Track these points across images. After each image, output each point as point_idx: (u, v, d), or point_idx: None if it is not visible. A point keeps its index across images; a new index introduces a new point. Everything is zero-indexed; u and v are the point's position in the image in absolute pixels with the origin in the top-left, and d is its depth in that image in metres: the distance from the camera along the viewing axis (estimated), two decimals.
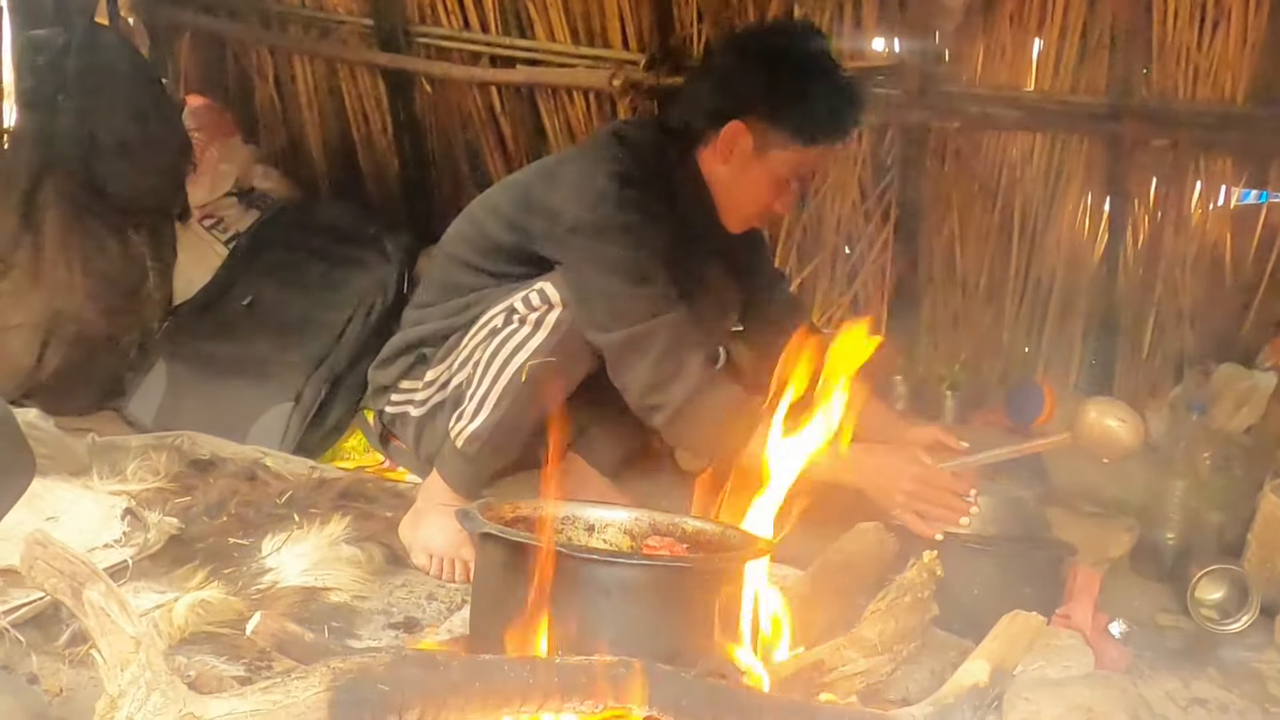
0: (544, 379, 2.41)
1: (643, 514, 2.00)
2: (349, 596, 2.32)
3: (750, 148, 2.53)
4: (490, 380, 2.45)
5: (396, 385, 2.72)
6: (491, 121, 3.94)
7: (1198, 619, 2.56)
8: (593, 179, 2.47)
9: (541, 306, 2.43)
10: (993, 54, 3.41)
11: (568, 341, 2.41)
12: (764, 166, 2.55)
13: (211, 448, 3.02)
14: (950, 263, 3.66)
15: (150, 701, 1.24)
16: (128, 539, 2.30)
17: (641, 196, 2.46)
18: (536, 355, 2.41)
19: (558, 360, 2.41)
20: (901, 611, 1.97)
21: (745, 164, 2.55)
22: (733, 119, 2.53)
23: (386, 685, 1.35)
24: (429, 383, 2.64)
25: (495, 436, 2.45)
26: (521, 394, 2.42)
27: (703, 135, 2.58)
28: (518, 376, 2.42)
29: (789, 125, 2.52)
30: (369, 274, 3.55)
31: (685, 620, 1.68)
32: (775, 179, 2.57)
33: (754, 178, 2.56)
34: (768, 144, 2.53)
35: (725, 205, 2.63)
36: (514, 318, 2.45)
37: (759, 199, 2.60)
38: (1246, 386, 3.18)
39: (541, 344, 2.41)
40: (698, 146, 2.59)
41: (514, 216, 2.58)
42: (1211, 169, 3.32)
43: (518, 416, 2.44)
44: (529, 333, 2.43)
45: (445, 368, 2.60)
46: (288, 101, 4.26)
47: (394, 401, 2.73)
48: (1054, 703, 1.80)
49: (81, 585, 1.27)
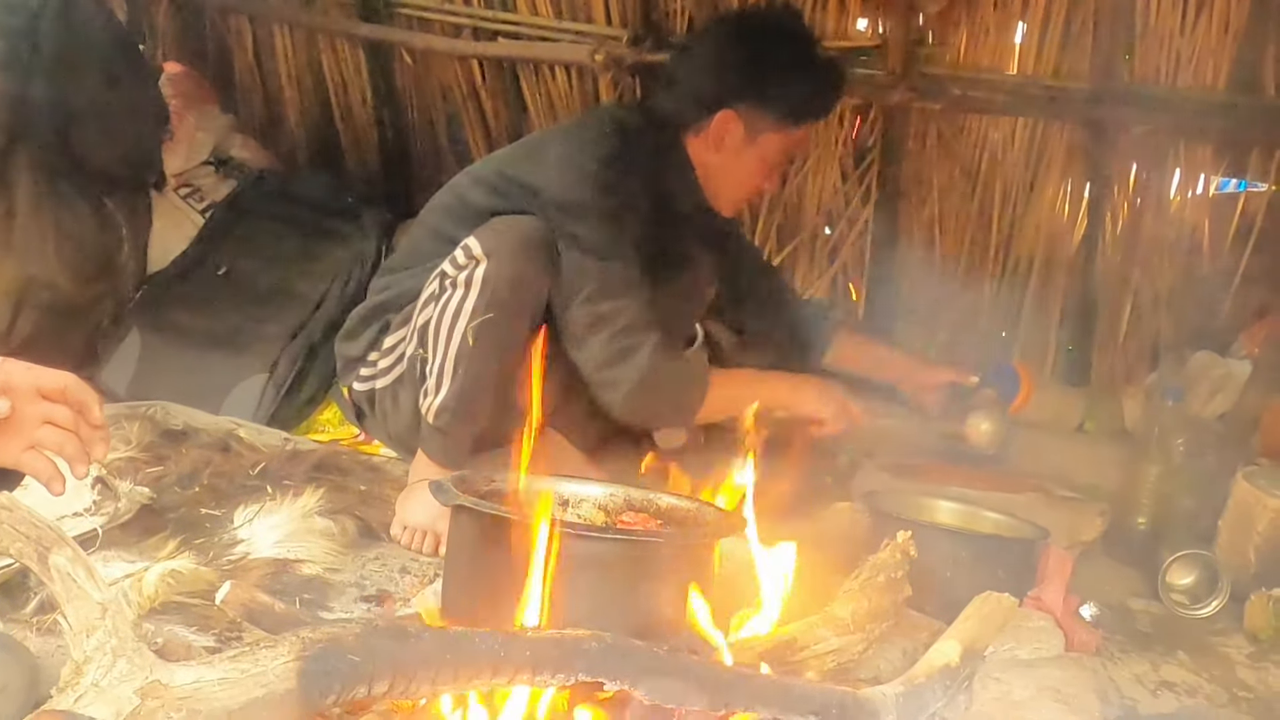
0: (490, 337, 2.42)
1: (618, 489, 1.99)
2: (321, 569, 2.30)
3: (742, 134, 2.61)
4: (443, 351, 2.45)
5: (364, 358, 2.72)
6: (472, 95, 3.92)
7: (1168, 603, 2.57)
8: (578, 159, 2.52)
9: (468, 263, 2.43)
10: (976, 37, 3.40)
11: (499, 295, 2.41)
12: (755, 150, 2.64)
13: (185, 418, 3.00)
14: (930, 245, 3.65)
15: (116, 668, 1.22)
16: (98, 508, 2.29)
17: (624, 181, 2.51)
18: (475, 317, 2.41)
19: (496, 316, 2.41)
20: (875, 591, 1.97)
21: (737, 150, 2.63)
22: (723, 107, 2.60)
23: (357, 656, 1.34)
24: (388, 349, 2.65)
25: (461, 404, 2.46)
26: (475, 357, 2.43)
27: (692, 122, 2.64)
28: (465, 342, 2.42)
29: (780, 109, 2.62)
30: (346, 246, 3.53)
31: (658, 595, 1.68)
32: (766, 161, 2.67)
33: (746, 162, 2.65)
34: (759, 129, 2.62)
35: (716, 190, 2.69)
36: (446, 281, 2.46)
37: (750, 181, 2.70)
38: (1221, 374, 3.20)
39: (476, 304, 2.42)
40: (685, 133, 2.65)
41: (496, 184, 2.61)
42: (1191, 156, 3.32)
43: (478, 379, 2.44)
44: (462, 295, 2.43)
45: (402, 336, 2.61)
46: (267, 71, 4.22)
47: (362, 377, 2.73)
48: (1024, 683, 1.81)
49: (47, 550, 1.26)
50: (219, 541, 2.29)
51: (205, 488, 2.55)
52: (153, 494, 2.42)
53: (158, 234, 3.63)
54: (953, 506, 2.54)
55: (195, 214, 3.71)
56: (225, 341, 3.37)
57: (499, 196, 2.58)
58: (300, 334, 3.36)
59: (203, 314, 3.44)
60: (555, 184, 2.50)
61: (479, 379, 2.45)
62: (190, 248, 3.64)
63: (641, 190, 2.55)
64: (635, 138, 2.60)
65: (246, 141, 4.01)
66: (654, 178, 2.59)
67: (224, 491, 2.54)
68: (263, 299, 3.46)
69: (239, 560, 2.23)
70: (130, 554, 2.20)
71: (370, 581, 2.33)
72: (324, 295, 3.43)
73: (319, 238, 3.57)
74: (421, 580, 2.34)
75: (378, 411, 2.73)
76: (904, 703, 1.71)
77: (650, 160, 2.60)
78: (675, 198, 2.65)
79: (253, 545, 2.29)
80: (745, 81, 2.60)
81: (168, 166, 3.69)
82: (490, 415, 2.52)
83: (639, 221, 2.53)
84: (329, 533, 2.39)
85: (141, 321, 3.43)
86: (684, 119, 2.65)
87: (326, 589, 2.25)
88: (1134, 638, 2.42)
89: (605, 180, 2.49)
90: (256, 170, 3.89)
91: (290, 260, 3.54)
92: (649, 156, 2.60)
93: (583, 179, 2.49)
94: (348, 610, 2.19)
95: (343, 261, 3.49)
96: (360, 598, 2.25)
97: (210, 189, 3.78)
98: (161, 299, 3.51)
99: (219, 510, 2.44)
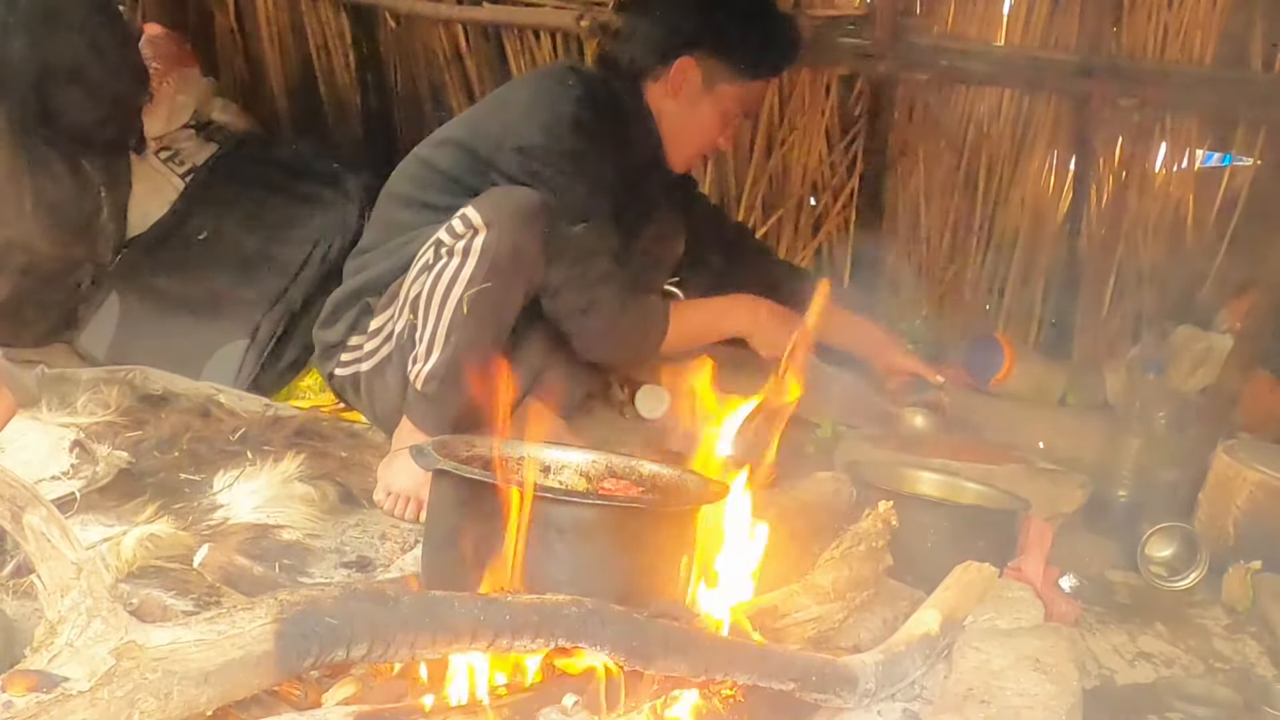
0: (485, 306, 2.42)
1: (599, 456, 1.98)
2: (301, 534, 2.29)
3: (699, 83, 2.68)
4: (434, 319, 2.44)
5: (345, 343, 2.70)
6: (456, 60, 3.88)
7: (1147, 575, 2.58)
8: (543, 104, 2.57)
9: (466, 233, 2.41)
10: (964, 7, 3.39)
11: (498, 264, 2.41)
12: (712, 101, 2.71)
13: (164, 383, 2.98)
14: (914, 217, 3.65)
15: (91, 628, 1.21)
16: (76, 471, 2.27)
17: (591, 125, 2.55)
18: (471, 285, 2.40)
19: (493, 286, 2.41)
20: (856, 560, 1.97)
21: (694, 99, 2.69)
22: (682, 55, 2.66)
23: (335, 619, 1.33)
24: (374, 332, 2.63)
25: (451, 372, 2.43)
26: (468, 326, 2.42)
27: (651, 71, 2.70)
28: (459, 310, 2.41)
29: (737, 60, 2.69)
30: (328, 211, 3.51)
31: (639, 562, 1.67)
32: (722, 113, 2.74)
33: (702, 112, 2.71)
34: (715, 79, 2.69)
35: (673, 140, 2.75)
36: (442, 250, 2.44)
37: (706, 133, 2.76)
38: (1203, 348, 3.20)
39: (474, 273, 2.41)
40: (645, 81, 2.71)
41: (462, 139, 2.62)
42: (1177, 129, 3.32)
43: (470, 348, 2.42)
44: (459, 264, 2.42)
45: (389, 316, 2.59)
46: (248, 33, 4.17)
47: (344, 362, 2.71)
48: (1003, 652, 1.81)
49: (21, 510, 1.24)
50: (198, 506, 2.28)
51: (185, 452, 2.54)
52: (131, 458, 2.40)
53: (137, 198, 3.59)
54: (934, 477, 2.54)
55: (175, 178, 3.67)
56: (205, 307, 3.34)
57: (465, 153, 2.59)
58: (281, 300, 3.33)
59: (183, 279, 3.42)
60: (522, 128, 2.53)
61: (470, 348, 2.43)
62: (170, 212, 3.61)
63: (607, 134, 2.58)
64: (598, 85, 2.65)
65: (227, 105, 3.97)
66: (618, 122, 2.63)
67: (203, 456, 2.53)
68: (244, 264, 3.43)
69: (218, 525, 2.22)
70: (108, 518, 2.18)
71: (350, 547, 2.32)
72: (305, 260, 3.41)
73: (300, 202, 3.54)
74: (401, 546, 2.34)
75: (363, 395, 2.70)
76: (883, 671, 1.72)
77: (613, 106, 2.64)
78: (638, 144, 2.69)
79: (232, 510, 2.28)
80: (704, 29, 2.67)
81: (148, 130, 3.65)
82: (478, 386, 2.51)
83: (606, 165, 2.57)
84: (309, 498, 2.38)
85: (121, 286, 3.41)
86: (644, 67, 2.70)
87: (306, 554, 2.24)
88: (1112, 609, 2.44)
89: (572, 121, 2.53)
90: (238, 134, 3.85)
91: (272, 225, 3.52)
92: (612, 102, 2.64)
93: (550, 122, 2.53)
94: (327, 576, 2.18)
95: (324, 227, 3.47)
96: (340, 563, 2.25)
97: (191, 153, 3.74)
98: (141, 263, 3.48)
99: (198, 475, 2.42)
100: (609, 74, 2.72)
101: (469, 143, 2.60)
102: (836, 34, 3.43)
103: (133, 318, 3.35)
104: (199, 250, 3.50)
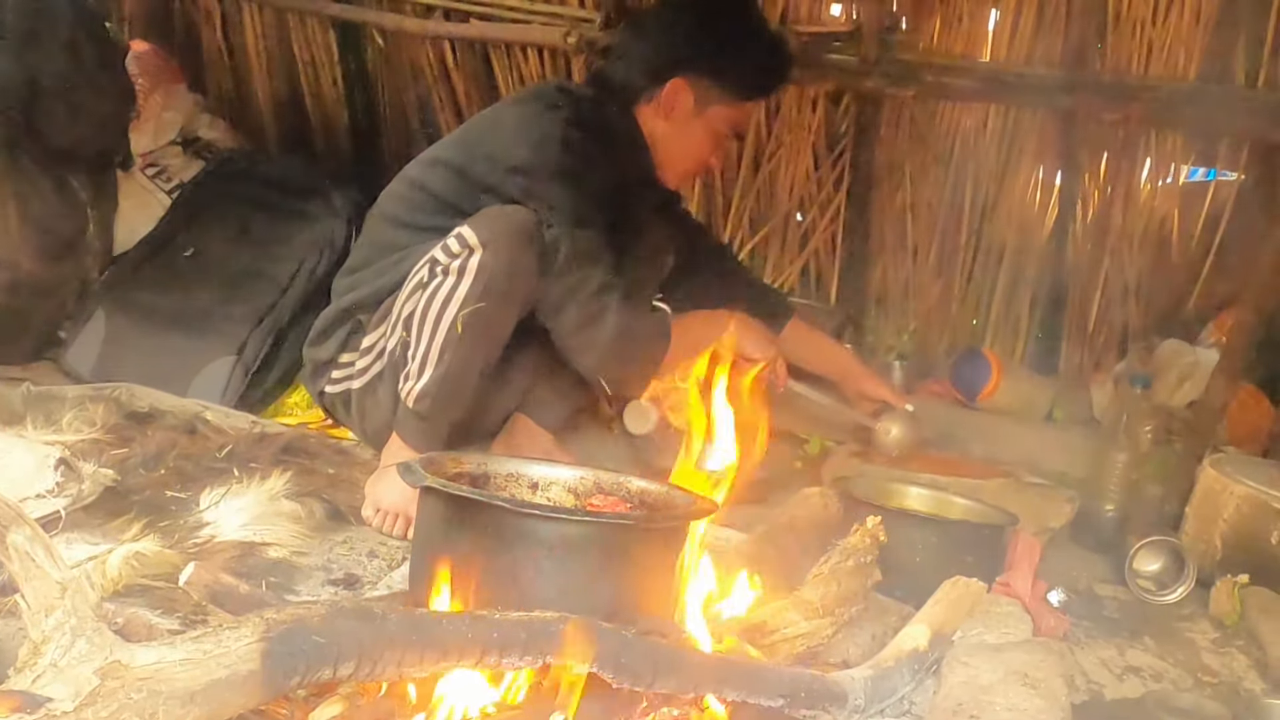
0: (479, 326, 2.41)
1: (587, 472, 1.98)
2: (288, 552, 2.27)
3: (691, 104, 2.69)
4: (428, 337, 2.43)
5: (336, 360, 2.69)
6: (444, 76, 3.89)
7: (1135, 589, 2.59)
8: (536, 124, 2.56)
9: (462, 252, 2.41)
10: (949, 23, 3.41)
11: (494, 284, 2.40)
12: (704, 122, 2.73)
13: (150, 400, 2.96)
14: (901, 232, 3.66)
15: (75, 648, 1.20)
16: (61, 489, 2.24)
17: (583, 144, 2.54)
18: (466, 305, 2.39)
19: (488, 306, 2.40)
20: (844, 575, 1.97)
21: (686, 120, 2.71)
22: (674, 76, 2.67)
23: (322, 637, 1.32)
24: (366, 349, 2.62)
25: (443, 390, 2.43)
26: (461, 345, 2.41)
27: (643, 91, 2.71)
28: (453, 330, 2.40)
29: (728, 81, 2.70)
30: (315, 228, 3.50)
31: (627, 578, 1.67)
32: (714, 133, 2.76)
33: (694, 132, 2.73)
34: (708, 99, 2.71)
35: (665, 160, 2.76)
36: (437, 269, 2.43)
37: (697, 153, 2.78)
38: (1189, 362, 3.21)
39: (469, 292, 2.39)
40: (637, 102, 2.72)
41: (453, 160, 2.62)
42: (1162, 145, 3.34)
43: (462, 367, 2.42)
44: (454, 283, 2.41)
45: (381, 334, 2.58)
46: (235, 50, 4.18)
47: (334, 379, 2.70)
48: (992, 667, 1.81)
49: (5, 528, 1.23)
50: (184, 524, 2.26)
51: (171, 470, 2.51)
52: (117, 476, 2.38)
53: (124, 214, 3.59)
54: (922, 492, 2.54)
55: (162, 194, 3.67)
56: (192, 323, 3.33)
57: (456, 174, 2.58)
58: (269, 316, 3.32)
59: (169, 295, 3.41)
60: (515, 149, 2.53)
61: (463, 367, 2.43)
62: (157, 228, 3.60)
63: (599, 153, 2.58)
64: (589, 105, 2.66)
65: (215, 121, 3.97)
66: (609, 142, 2.63)
67: (190, 474, 2.50)
68: (230, 280, 3.42)
69: (204, 543, 2.20)
70: (94, 536, 2.16)
71: (338, 565, 2.30)
72: (292, 277, 3.40)
73: (287, 219, 3.54)
74: (389, 564, 2.32)
75: (354, 412, 2.69)
76: (872, 686, 1.72)
77: (605, 125, 2.64)
78: (629, 163, 2.70)
79: (219, 528, 2.26)
80: (696, 51, 2.68)
81: (134, 146, 3.65)
82: (470, 405, 2.51)
83: (599, 183, 2.56)
84: (296, 516, 2.37)
85: (107, 302, 3.40)
86: (636, 88, 2.71)
87: (293, 572, 2.22)
88: (1101, 623, 2.44)
89: (564, 141, 2.52)
90: (225, 150, 3.85)
91: (258, 241, 3.51)
92: (603, 122, 2.64)
93: (543, 142, 2.53)
94: (314, 594, 2.17)
95: (311, 243, 3.46)
96: (327, 581, 2.23)
97: (178, 169, 3.74)
98: (128, 280, 3.47)
99: (184, 493, 2.40)
100: (600, 93, 2.72)
101: (460, 164, 2.59)
102: (823, 50, 3.44)
103: (119, 334, 3.34)
104: (185, 267, 3.49)
